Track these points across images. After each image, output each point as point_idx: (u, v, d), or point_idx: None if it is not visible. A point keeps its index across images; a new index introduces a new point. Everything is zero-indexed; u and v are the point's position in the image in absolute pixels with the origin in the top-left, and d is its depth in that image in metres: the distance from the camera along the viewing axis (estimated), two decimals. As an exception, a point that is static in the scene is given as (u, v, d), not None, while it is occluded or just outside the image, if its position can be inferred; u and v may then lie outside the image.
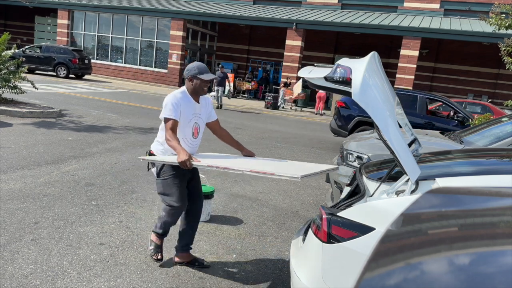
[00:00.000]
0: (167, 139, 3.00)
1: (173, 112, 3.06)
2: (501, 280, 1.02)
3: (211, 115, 3.52)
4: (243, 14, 21.22)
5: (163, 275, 3.17)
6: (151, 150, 3.30)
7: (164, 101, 3.14)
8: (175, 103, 3.09)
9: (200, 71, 3.16)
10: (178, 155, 2.86)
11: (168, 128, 3.03)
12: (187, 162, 2.80)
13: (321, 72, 2.46)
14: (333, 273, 2.17)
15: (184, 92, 3.22)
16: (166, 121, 3.06)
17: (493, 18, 9.36)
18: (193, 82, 3.19)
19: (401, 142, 2.19)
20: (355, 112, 9.59)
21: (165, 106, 3.10)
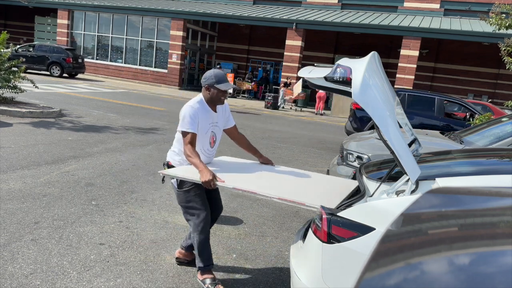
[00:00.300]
0: (188, 155, 2.89)
1: (192, 124, 2.94)
2: (501, 280, 1.02)
3: (229, 121, 3.38)
4: (243, 14, 21.22)
5: (163, 275, 3.17)
6: (169, 162, 3.17)
7: (181, 112, 3.02)
8: (193, 114, 2.96)
9: (217, 80, 3.02)
10: (201, 174, 2.73)
11: (187, 142, 2.91)
12: (211, 183, 2.69)
13: (321, 72, 2.46)
14: (333, 273, 2.17)
15: (201, 101, 3.09)
16: (185, 134, 2.94)
17: (493, 18, 9.36)
18: (210, 91, 3.06)
19: (401, 142, 2.19)
20: None
21: (183, 119, 2.97)
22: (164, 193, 5.08)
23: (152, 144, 7.81)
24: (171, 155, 3.19)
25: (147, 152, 7.07)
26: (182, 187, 3.03)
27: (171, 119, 11.39)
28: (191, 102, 3.08)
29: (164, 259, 3.43)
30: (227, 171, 2.99)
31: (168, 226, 4.11)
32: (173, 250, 3.59)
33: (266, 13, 21.37)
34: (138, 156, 6.72)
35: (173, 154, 3.18)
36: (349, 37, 23.11)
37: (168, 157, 3.20)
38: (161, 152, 7.23)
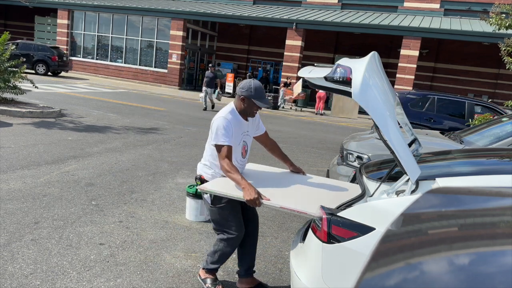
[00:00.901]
0: (227, 170, 2.73)
1: (226, 137, 2.79)
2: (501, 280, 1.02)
3: (259, 128, 3.21)
4: (243, 14, 21.22)
5: (163, 275, 3.17)
6: (201, 175, 3.00)
7: (214, 124, 2.87)
8: (226, 126, 2.81)
9: (255, 95, 2.87)
10: (245, 191, 2.57)
11: (224, 156, 2.76)
12: (256, 201, 2.52)
13: (321, 72, 2.46)
14: (333, 273, 2.16)
15: (233, 111, 2.94)
16: (220, 148, 2.79)
17: (493, 18, 9.36)
18: (245, 103, 2.91)
19: (401, 142, 2.19)
20: None
21: (217, 131, 2.82)
22: (164, 193, 5.08)
23: (152, 144, 7.81)
24: (202, 168, 3.03)
25: (147, 152, 7.07)
26: (216, 204, 2.86)
27: (171, 119, 11.39)
28: (223, 112, 2.92)
29: (164, 259, 3.43)
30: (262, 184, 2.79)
31: (168, 226, 4.11)
32: (173, 250, 3.59)
33: (266, 13, 21.37)
34: (138, 156, 6.72)
35: (204, 167, 3.02)
36: (349, 37, 23.11)
37: (200, 171, 3.03)
38: (161, 152, 7.24)
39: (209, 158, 2.98)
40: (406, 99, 9.69)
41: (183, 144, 8.18)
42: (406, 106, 9.57)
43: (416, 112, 9.44)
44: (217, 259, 2.96)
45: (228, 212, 2.85)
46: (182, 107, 14.72)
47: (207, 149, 3.01)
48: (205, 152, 3.04)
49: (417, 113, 9.41)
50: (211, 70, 15.11)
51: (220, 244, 2.92)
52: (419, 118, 9.30)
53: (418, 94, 9.95)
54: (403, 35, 18.70)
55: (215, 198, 2.84)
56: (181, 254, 3.55)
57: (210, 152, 2.96)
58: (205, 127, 10.60)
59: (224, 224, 2.88)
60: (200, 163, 3.07)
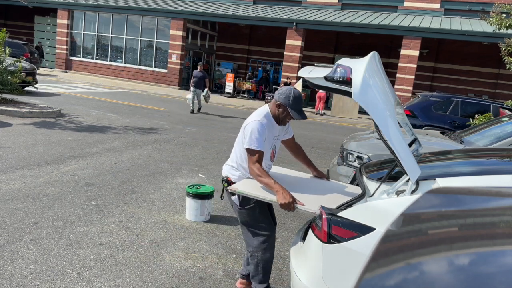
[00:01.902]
0: (258, 174, 2.67)
1: (260, 142, 2.72)
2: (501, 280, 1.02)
3: (288, 132, 3.14)
4: (243, 14, 21.21)
5: (163, 275, 3.17)
6: (228, 177, 2.92)
7: (248, 127, 2.79)
8: (261, 131, 2.74)
9: (292, 105, 2.78)
10: (278, 195, 2.52)
11: (255, 160, 2.70)
12: (291, 206, 2.47)
13: (321, 72, 2.46)
14: (333, 273, 2.16)
15: (267, 115, 2.86)
16: (252, 152, 2.72)
17: (493, 17, 9.35)
18: (280, 110, 2.83)
19: (401, 142, 2.19)
20: (423, 121, 9.15)
21: (250, 135, 2.74)
22: (164, 193, 5.08)
23: (152, 144, 7.80)
24: (229, 170, 2.95)
25: (147, 152, 7.07)
26: (245, 205, 2.81)
27: (171, 119, 11.39)
28: (257, 116, 2.83)
29: (164, 259, 3.42)
30: (290, 188, 2.67)
31: (168, 226, 4.11)
32: (173, 250, 3.59)
33: (266, 13, 21.36)
34: (138, 156, 6.72)
35: (231, 169, 2.94)
36: (349, 37, 23.10)
37: (226, 172, 2.96)
38: (161, 152, 7.23)
39: (238, 160, 2.90)
40: (429, 102, 9.59)
41: (183, 144, 8.18)
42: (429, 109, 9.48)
43: (439, 115, 9.33)
44: (263, 273, 2.84)
45: (258, 212, 2.81)
46: (182, 107, 14.70)
47: (236, 150, 2.92)
48: (233, 154, 2.95)
49: (440, 116, 9.30)
50: (200, 69, 13.73)
51: (257, 254, 2.83)
52: (443, 121, 9.19)
53: (441, 96, 9.83)
54: (403, 35, 18.69)
55: (244, 199, 2.79)
56: (181, 254, 3.55)
57: (240, 154, 2.88)
58: (205, 127, 10.60)
59: (254, 225, 2.83)
60: (227, 165, 2.99)
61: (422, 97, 9.94)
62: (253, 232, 2.84)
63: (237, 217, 2.93)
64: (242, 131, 2.85)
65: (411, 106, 9.62)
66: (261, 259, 2.82)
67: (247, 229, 2.87)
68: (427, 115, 9.37)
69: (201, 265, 3.40)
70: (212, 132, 10.02)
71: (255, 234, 2.83)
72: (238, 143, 2.90)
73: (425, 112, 9.43)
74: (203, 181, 5.46)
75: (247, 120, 2.87)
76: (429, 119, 9.04)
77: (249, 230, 2.86)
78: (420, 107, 9.56)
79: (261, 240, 2.81)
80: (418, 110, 9.44)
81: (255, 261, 2.84)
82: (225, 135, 9.79)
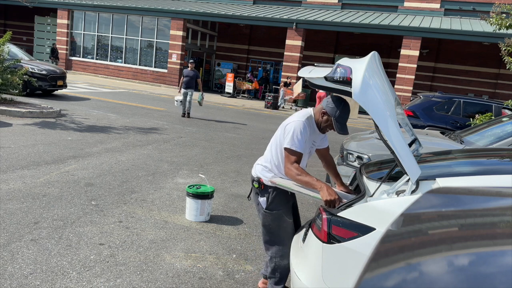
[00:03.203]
0: (296, 173, 2.60)
1: (301, 144, 2.67)
2: (501, 280, 1.02)
3: (324, 141, 3.03)
4: (243, 14, 21.21)
5: (163, 275, 3.17)
6: (260, 178, 2.84)
7: (290, 127, 2.71)
8: (303, 132, 2.68)
9: (338, 118, 2.68)
10: (322, 192, 2.48)
11: (293, 160, 2.64)
12: (336, 202, 2.42)
13: (321, 72, 2.46)
14: (333, 273, 2.16)
15: (311, 118, 2.78)
16: (291, 152, 2.66)
17: (493, 17, 9.35)
18: (324, 118, 2.74)
19: (401, 142, 2.19)
20: (425, 122, 9.12)
21: (292, 135, 2.67)
22: (164, 193, 5.08)
23: (152, 144, 7.80)
24: (261, 171, 2.86)
25: (147, 152, 7.07)
26: (273, 209, 2.79)
27: (171, 119, 11.38)
28: (301, 116, 2.76)
29: (164, 259, 3.42)
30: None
31: (168, 226, 4.11)
32: (173, 250, 3.59)
33: (266, 13, 21.36)
34: (138, 156, 6.72)
35: (264, 170, 2.85)
36: (349, 37, 23.10)
37: (258, 173, 2.87)
38: (161, 152, 7.23)
39: (273, 160, 2.82)
40: (431, 102, 9.58)
41: (183, 144, 8.18)
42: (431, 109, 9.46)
43: (441, 115, 9.30)
44: (279, 277, 2.87)
45: (282, 220, 2.80)
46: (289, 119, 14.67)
47: (272, 150, 2.84)
48: (268, 153, 2.87)
49: (442, 117, 9.27)
50: (191, 67, 12.18)
51: (275, 259, 2.86)
52: (445, 122, 9.18)
53: (443, 97, 9.82)
54: (403, 35, 18.69)
55: (271, 204, 2.78)
56: (181, 254, 3.55)
57: (276, 154, 2.81)
58: (205, 127, 10.60)
59: (275, 232, 2.82)
60: (259, 165, 2.91)
61: (424, 98, 9.92)
62: (273, 238, 2.85)
63: (260, 219, 2.92)
64: (282, 130, 2.78)
65: (412, 107, 9.60)
66: (279, 265, 2.86)
67: (267, 233, 2.87)
68: (429, 115, 9.37)
69: (201, 265, 3.40)
70: (212, 132, 10.02)
71: (275, 241, 2.85)
72: (275, 142, 2.82)
73: (427, 112, 9.42)
74: (203, 181, 5.46)
75: (288, 119, 2.80)
76: (431, 120, 9.02)
77: (268, 234, 2.87)
78: (421, 108, 9.55)
79: (280, 247, 2.84)
80: (419, 110, 9.43)
81: (273, 265, 2.87)
82: (225, 135, 9.79)
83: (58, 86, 12.86)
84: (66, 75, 13.45)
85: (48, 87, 12.51)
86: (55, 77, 12.67)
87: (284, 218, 2.82)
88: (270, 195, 2.80)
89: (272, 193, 2.80)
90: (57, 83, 12.74)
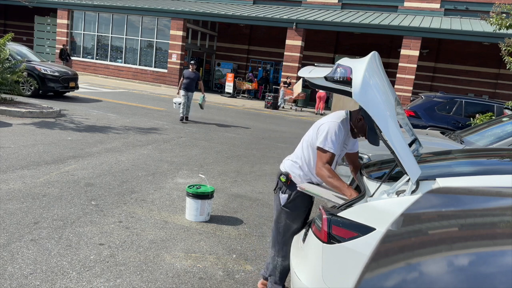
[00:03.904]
0: (327, 175, 2.57)
1: (334, 145, 2.62)
2: (501, 280, 1.01)
3: (355, 145, 2.96)
4: (243, 14, 21.20)
5: (163, 276, 3.17)
6: (289, 174, 2.81)
7: (325, 126, 2.68)
8: (338, 133, 2.64)
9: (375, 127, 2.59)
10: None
11: (325, 160, 2.60)
12: None
13: (321, 72, 2.46)
14: (333, 273, 2.16)
15: (346, 120, 2.75)
16: (325, 153, 2.62)
17: (493, 17, 9.35)
18: (360, 124, 2.72)
19: (401, 142, 2.19)
20: (426, 122, 9.10)
21: (326, 135, 2.63)
22: (164, 193, 5.08)
23: (152, 144, 7.80)
24: (291, 167, 2.84)
25: (147, 152, 7.06)
26: (291, 209, 2.80)
27: (171, 119, 11.38)
28: (337, 117, 2.72)
29: (164, 259, 3.42)
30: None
31: (168, 226, 4.11)
32: (173, 250, 3.59)
33: (266, 13, 21.36)
34: (138, 156, 6.72)
35: (294, 167, 2.82)
36: (349, 37, 23.09)
37: (288, 168, 2.85)
38: (161, 152, 7.23)
39: (304, 158, 2.79)
40: (432, 103, 9.57)
41: (183, 144, 8.18)
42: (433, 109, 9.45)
43: (443, 115, 9.28)
44: (279, 277, 2.90)
45: (295, 220, 2.82)
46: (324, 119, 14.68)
47: (303, 148, 2.81)
48: (299, 151, 2.85)
49: (444, 117, 9.25)
50: (192, 69, 11.30)
51: (277, 258, 2.89)
52: (446, 122, 9.17)
53: (445, 97, 9.81)
54: (403, 35, 18.69)
55: (291, 202, 2.79)
56: (181, 254, 3.55)
57: (307, 153, 2.78)
58: (205, 127, 10.59)
59: (285, 231, 2.84)
60: (289, 160, 2.88)
61: (426, 98, 9.92)
62: (280, 236, 2.88)
63: (274, 215, 2.93)
64: (315, 129, 2.75)
65: (414, 107, 9.59)
66: (280, 265, 2.89)
67: (276, 230, 2.90)
68: (430, 115, 9.37)
69: (201, 265, 3.40)
70: (212, 132, 10.02)
71: (281, 240, 2.88)
72: (307, 140, 2.80)
73: (429, 112, 9.42)
74: (203, 181, 5.46)
75: (322, 119, 2.78)
76: (433, 120, 9.01)
77: (277, 231, 2.90)
78: (423, 108, 9.55)
79: (285, 248, 2.87)
80: (421, 110, 9.42)
81: (275, 263, 2.91)
82: (225, 135, 9.79)
83: (70, 87, 12.80)
84: (78, 77, 13.39)
85: (60, 88, 12.46)
86: (67, 79, 12.63)
87: (296, 220, 2.85)
88: (293, 194, 2.80)
89: (296, 193, 2.80)
90: (69, 85, 12.69)
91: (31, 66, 11.91)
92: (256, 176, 6.39)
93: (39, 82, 11.91)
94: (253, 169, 6.78)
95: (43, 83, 11.98)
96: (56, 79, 12.24)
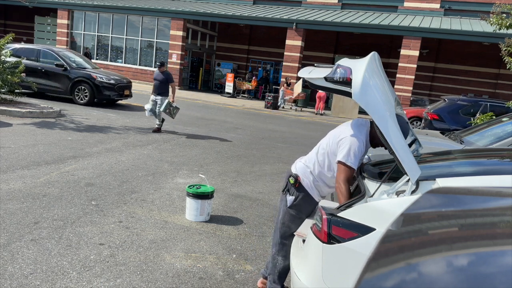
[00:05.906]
0: (344, 194, 2.55)
1: (357, 161, 2.60)
2: (501, 280, 1.02)
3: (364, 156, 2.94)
4: (243, 14, 21.20)
5: (163, 275, 3.17)
6: (298, 177, 2.81)
7: (347, 141, 2.62)
8: (360, 149, 2.61)
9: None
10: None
11: (345, 178, 2.58)
12: None
13: (321, 72, 2.46)
14: (333, 274, 2.16)
15: (367, 132, 2.70)
16: (347, 168, 2.59)
17: (493, 17, 9.35)
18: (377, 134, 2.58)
19: (401, 142, 2.19)
20: (450, 125, 8.99)
21: (349, 150, 2.59)
22: (164, 193, 5.08)
23: (152, 144, 7.80)
24: (303, 169, 2.84)
25: (147, 152, 7.07)
26: (295, 211, 2.84)
27: (171, 119, 11.38)
28: (359, 131, 2.67)
29: (164, 259, 3.42)
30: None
31: (168, 226, 4.11)
32: (173, 250, 3.59)
33: (266, 13, 21.36)
34: (138, 156, 6.72)
35: (306, 170, 2.82)
36: (349, 37, 23.10)
37: (299, 171, 2.84)
38: (161, 152, 7.23)
39: (318, 164, 2.78)
40: (456, 106, 9.52)
41: (183, 144, 8.18)
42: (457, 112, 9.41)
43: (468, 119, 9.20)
44: (278, 276, 2.93)
45: (297, 223, 2.83)
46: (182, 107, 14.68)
47: (319, 156, 2.79)
48: (314, 156, 2.83)
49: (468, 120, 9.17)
50: (161, 70, 9.15)
51: (278, 257, 2.92)
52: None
53: (469, 100, 9.78)
54: (403, 35, 18.69)
55: (297, 205, 2.81)
56: (181, 254, 3.55)
57: (322, 160, 2.76)
58: (205, 127, 10.59)
59: (287, 231, 2.88)
60: (303, 164, 2.87)
61: (449, 101, 9.88)
62: (283, 235, 2.90)
63: (279, 214, 2.95)
64: (336, 140, 2.70)
65: (438, 110, 9.54)
66: (280, 264, 2.92)
67: (280, 229, 2.93)
68: (454, 119, 9.33)
69: (201, 265, 3.40)
70: (212, 132, 10.02)
71: (282, 241, 2.90)
72: (325, 149, 2.77)
73: (452, 116, 9.39)
74: (203, 181, 5.46)
75: (344, 130, 2.70)
76: (457, 123, 8.96)
77: (280, 230, 2.93)
78: (447, 111, 9.52)
79: (285, 248, 2.88)
80: (445, 113, 9.39)
81: (274, 262, 2.94)
82: (225, 135, 9.79)
83: (125, 95, 12.45)
84: (131, 84, 12.98)
85: (115, 96, 12.19)
86: (122, 87, 12.27)
87: (296, 223, 2.86)
88: (300, 197, 2.81)
89: (302, 197, 2.81)
90: (124, 93, 12.35)
91: (87, 74, 11.64)
92: (256, 176, 6.39)
93: (95, 90, 11.58)
94: (253, 169, 6.78)
95: (99, 92, 11.65)
96: (111, 87, 11.92)
